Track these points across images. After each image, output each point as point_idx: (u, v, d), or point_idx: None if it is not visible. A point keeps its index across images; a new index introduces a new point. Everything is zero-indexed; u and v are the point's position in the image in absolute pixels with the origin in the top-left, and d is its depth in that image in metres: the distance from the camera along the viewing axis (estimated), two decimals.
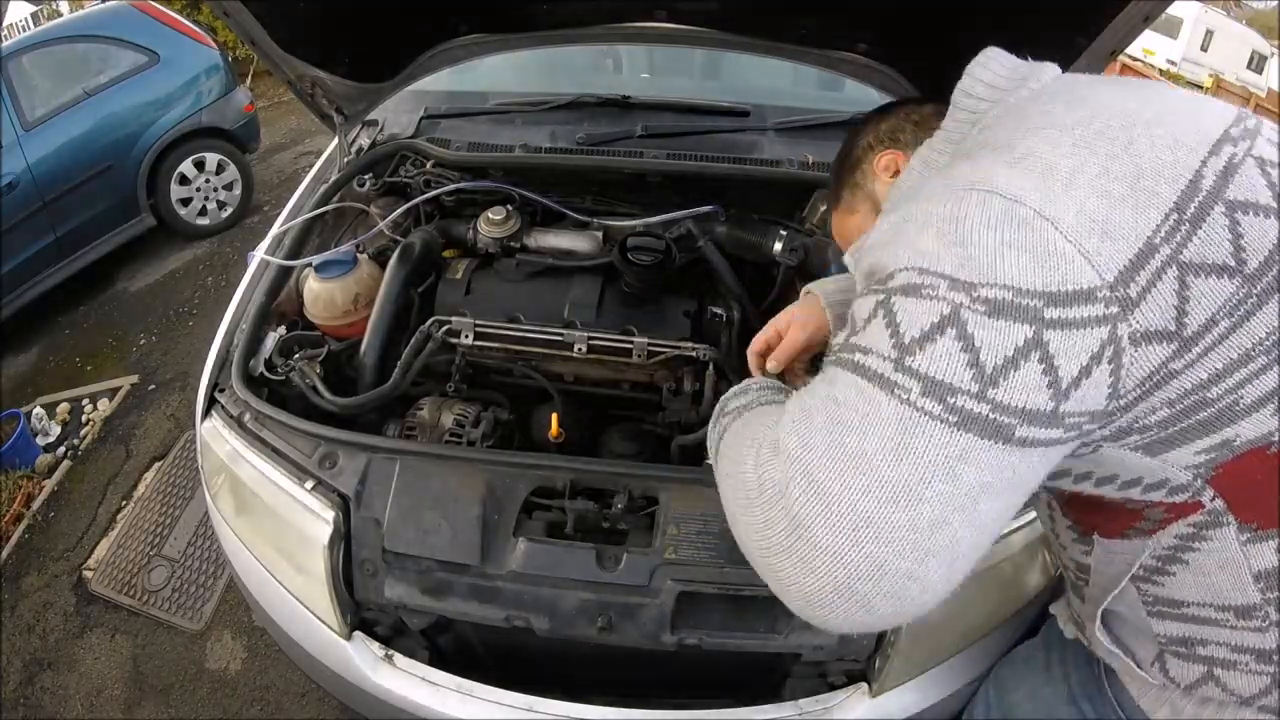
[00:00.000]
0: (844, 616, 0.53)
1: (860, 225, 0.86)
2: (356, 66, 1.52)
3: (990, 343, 0.50)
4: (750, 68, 2.15)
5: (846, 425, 0.52)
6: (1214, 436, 0.58)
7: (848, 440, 0.52)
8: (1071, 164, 0.54)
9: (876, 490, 0.50)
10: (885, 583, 0.50)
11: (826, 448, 0.52)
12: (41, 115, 3.52)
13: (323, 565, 1.10)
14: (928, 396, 0.51)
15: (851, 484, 0.50)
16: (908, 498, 0.50)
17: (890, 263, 0.57)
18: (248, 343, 1.33)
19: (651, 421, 1.45)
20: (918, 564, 0.50)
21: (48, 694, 2.04)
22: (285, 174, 5.01)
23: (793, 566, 0.53)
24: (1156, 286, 0.52)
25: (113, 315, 3.72)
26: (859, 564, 0.50)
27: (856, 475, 0.51)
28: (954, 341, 0.51)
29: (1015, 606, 1.13)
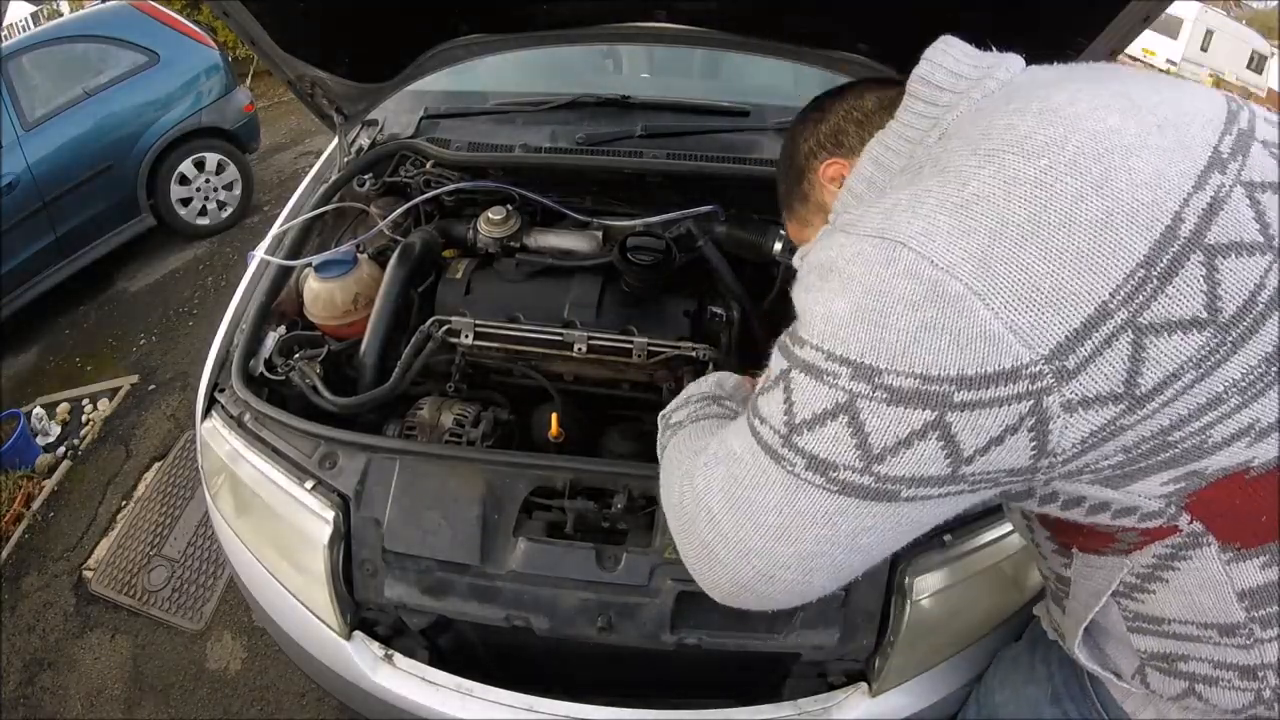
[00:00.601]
0: (750, 604, 0.63)
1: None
2: (356, 66, 1.52)
3: (882, 429, 0.52)
4: (750, 68, 2.15)
5: (739, 480, 0.59)
6: (1180, 469, 0.55)
7: (740, 492, 0.59)
8: (1027, 214, 0.49)
9: (763, 531, 0.58)
10: (777, 586, 0.60)
11: (724, 493, 0.60)
12: (41, 115, 3.52)
13: (323, 565, 1.10)
14: (811, 470, 0.55)
15: (742, 524, 0.58)
16: (790, 538, 0.57)
17: (804, 327, 0.57)
18: (248, 343, 1.33)
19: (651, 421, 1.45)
20: (803, 576, 0.59)
21: (48, 694, 2.04)
22: (285, 174, 5.01)
23: (704, 569, 0.63)
24: (1104, 354, 0.49)
25: (113, 315, 3.72)
26: (752, 575, 0.60)
27: (747, 518, 0.58)
28: (844, 428, 0.53)
29: (1015, 607, 1.13)
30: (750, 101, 1.82)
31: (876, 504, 0.54)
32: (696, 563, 0.63)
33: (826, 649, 1.06)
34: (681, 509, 0.65)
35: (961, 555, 1.07)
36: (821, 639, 1.04)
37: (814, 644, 1.05)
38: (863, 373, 0.51)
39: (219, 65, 4.21)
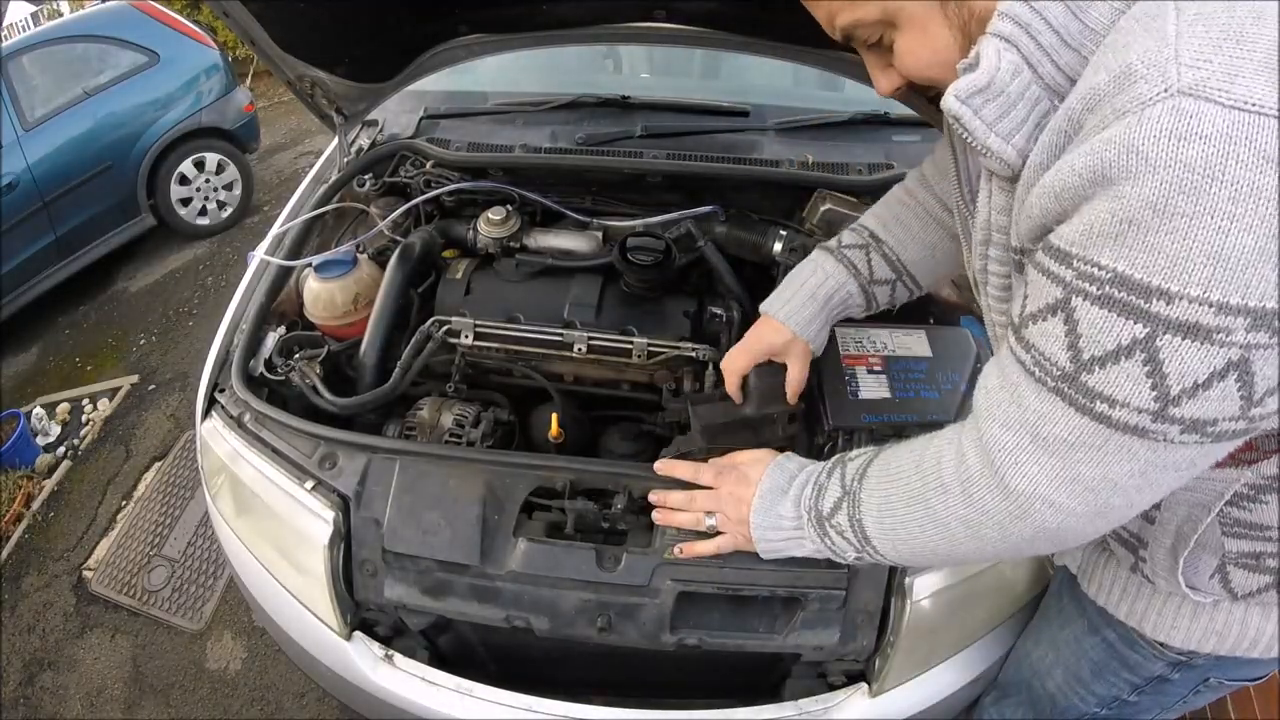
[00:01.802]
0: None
1: (932, 48, 0.61)
2: (356, 66, 1.51)
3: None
4: (750, 68, 2.15)
5: (1091, 460, 0.56)
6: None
7: (1086, 470, 0.57)
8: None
9: (1124, 490, 0.57)
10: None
11: (1070, 479, 0.58)
12: (41, 115, 3.53)
13: (323, 565, 1.10)
14: (1188, 432, 0.51)
15: (1098, 492, 0.58)
16: (1155, 488, 0.58)
17: (1165, 272, 0.45)
18: (248, 343, 1.33)
19: (651, 421, 1.45)
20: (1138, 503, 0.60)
21: (48, 694, 2.04)
22: (285, 174, 5.01)
23: (1047, 544, 0.66)
24: None
25: (113, 315, 3.73)
26: (1107, 524, 0.62)
27: (1108, 489, 0.57)
28: (1233, 385, 0.48)
29: (1014, 607, 1.13)
30: (750, 101, 1.82)
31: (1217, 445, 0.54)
32: (1035, 547, 0.65)
33: (826, 649, 1.06)
34: (995, 516, 0.63)
35: None
36: (821, 639, 1.04)
37: (814, 644, 1.05)
38: (1264, 320, 0.44)
39: (219, 65, 4.21)
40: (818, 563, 1.03)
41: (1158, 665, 0.84)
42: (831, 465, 0.83)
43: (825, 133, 1.73)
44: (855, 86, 1.64)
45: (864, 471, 0.77)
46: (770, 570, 1.02)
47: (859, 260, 1.04)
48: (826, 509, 0.80)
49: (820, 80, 2.03)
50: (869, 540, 0.76)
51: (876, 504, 0.74)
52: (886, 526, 0.74)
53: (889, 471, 0.75)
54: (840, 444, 1.15)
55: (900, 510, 0.72)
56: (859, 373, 1.17)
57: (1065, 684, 0.97)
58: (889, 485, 0.74)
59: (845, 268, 1.04)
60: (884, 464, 0.76)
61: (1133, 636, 0.85)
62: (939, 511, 0.68)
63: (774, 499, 0.87)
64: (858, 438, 1.13)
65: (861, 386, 1.15)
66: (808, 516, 0.82)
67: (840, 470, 0.81)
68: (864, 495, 0.76)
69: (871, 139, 1.73)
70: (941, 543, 0.69)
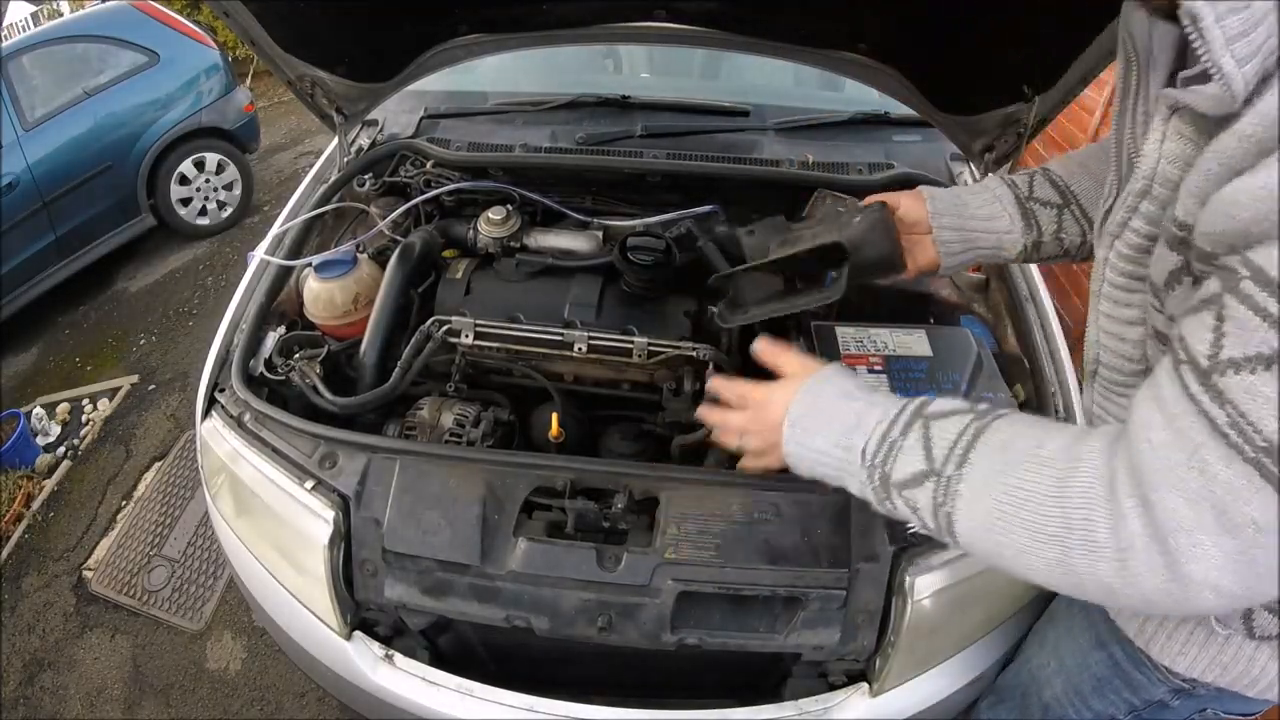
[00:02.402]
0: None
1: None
2: (356, 66, 1.51)
3: None
4: (750, 68, 2.15)
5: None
6: None
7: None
8: None
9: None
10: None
11: (1243, 565, 0.50)
12: (41, 115, 3.53)
13: (323, 565, 1.10)
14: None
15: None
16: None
17: None
18: (248, 343, 1.33)
19: (651, 421, 1.45)
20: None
21: (48, 694, 2.04)
22: (285, 174, 5.02)
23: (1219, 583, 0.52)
24: None
25: (113, 315, 3.73)
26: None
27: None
28: None
29: (1015, 608, 1.13)
30: (750, 101, 1.82)
31: None
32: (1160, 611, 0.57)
33: (827, 649, 1.05)
34: (1147, 591, 0.54)
35: (962, 555, 1.07)
36: (822, 639, 1.04)
37: (814, 644, 1.05)
38: None
39: (219, 65, 4.21)
40: (818, 563, 1.03)
41: (1160, 690, 0.84)
42: (907, 419, 0.70)
43: (825, 133, 1.73)
44: (855, 86, 1.65)
45: (965, 458, 0.64)
46: (770, 570, 1.02)
47: (1019, 179, 0.97)
48: (900, 476, 0.68)
49: (820, 80, 2.03)
50: (955, 537, 0.65)
51: (985, 514, 0.62)
52: (992, 545, 0.62)
53: (1010, 486, 0.60)
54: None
55: (1022, 540, 0.59)
56: (860, 372, 1.17)
57: (1063, 695, 0.97)
58: (1009, 503, 0.60)
59: (1002, 180, 0.98)
60: (1002, 469, 0.62)
61: (1140, 657, 0.84)
62: (1078, 566, 0.57)
63: (809, 432, 0.76)
64: None
65: None
66: (869, 473, 0.71)
67: (923, 433, 0.68)
68: (964, 490, 0.63)
69: (871, 139, 1.74)
70: (1059, 580, 0.59)
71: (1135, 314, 0.68)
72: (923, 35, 1.31)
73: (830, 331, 1.23)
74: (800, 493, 1.08)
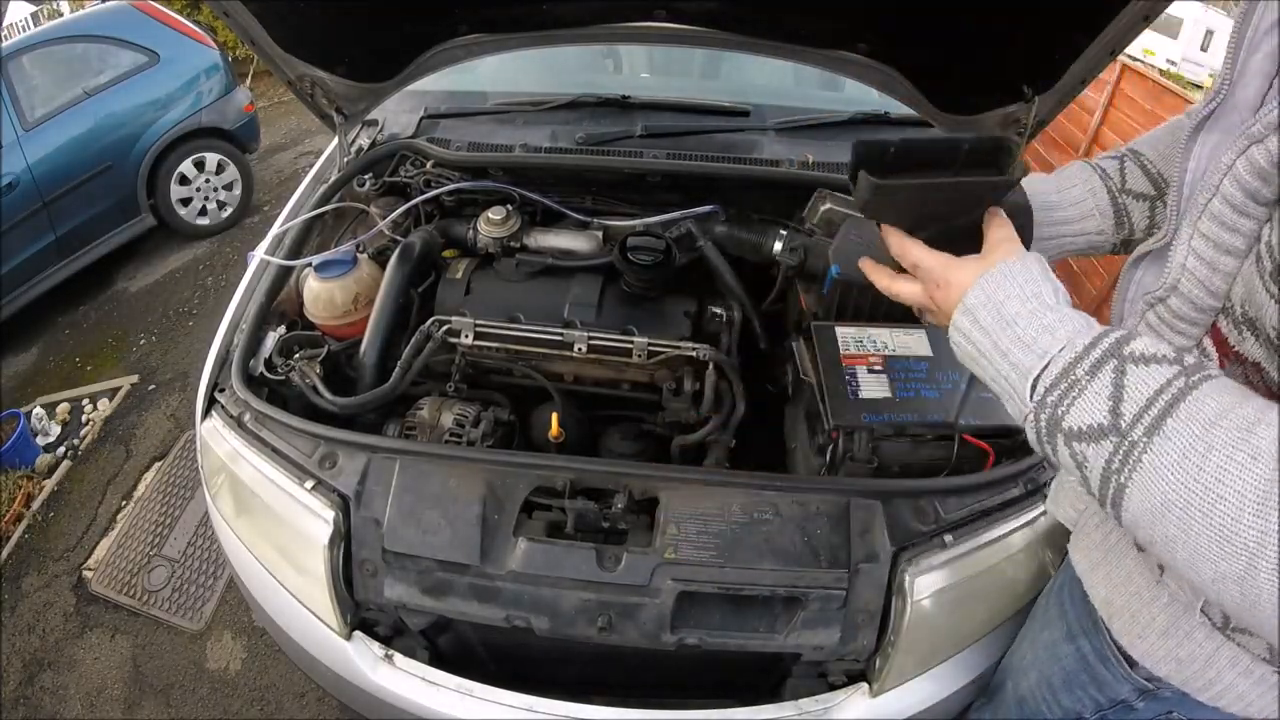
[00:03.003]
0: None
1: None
2: (356, 66, 1.51)
3: None
4: (750, 68, 2.16)
5: None
6: None
7: None
8: None
9: None
10: None
11: None
12: (41, 115, 3.53)
13: (323, 565, 1.10)
14: None
15: None
16: None
17: None
18: (248, 343, 1.33)
19: (651, 421, 1.45)
20: None
21: (48, 694, 2.04)
22: (285, 174, 5.01)
23: None
24: None
25: (113, 315, 3.73)
26: None
27: None
28: None
29: (1015, 607, 1.13)
30: (750, 101, 1.82)
31: None
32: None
33: (827, 649, 1.06)
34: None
35: (961, 555, 1.07)
36: (822, 639, 1.04)
37: (814, 644, 1.05)
38: None
39: (219, 65, 4.21)
40: (818, 563, 1.03)
41: (1124, 688, 0.84)
42: (1100, 354, 0.57)
43: (825, 133, 1.73)
44: (855, 86, 1.64)
45: (1160, 423, 0.52)
46: (770, 570, 1.02)
47: (1111, 167, 0.90)
48: (1075, 424, 0.56)
49: (820, 80, 2.03)
50: (1119, 512, 0.55)
51: (1165, 499, 0.51)
52: (1162, 536, 0.53)
53: (1206, 475, 0.49)
54: (841, 444, 1.15)
55: (1202, 542, 0.50)
56: (859, 372, 1.17)
57: (1036, 687, 0.97)
58: (1200, 495, 0.50)
59: (1093, 170, 0.91)
60: (1204, 452, 0.50)
61: (1106, 652, 0.84)
62: (1262, 590, 0.48)
63: (978, 326, 0.65)
64: (858, 437, 1.13)
65: (862, 386, 1.15)
66: (1037, 410, 0.59)
67: (1115, 378, 0.55)
68: (1149, 464, 0.52)
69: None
70: (1231, 597, 0.50)
71: (1240, 243, 0.59)
72: (923, 35, 1.31)
73: (830, 331, 1.23)
74: (800, 493, 1.08)
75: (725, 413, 1.35)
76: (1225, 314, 0.63)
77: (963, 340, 0.67)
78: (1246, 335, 0.60)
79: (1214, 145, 0.66)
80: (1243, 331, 0.61)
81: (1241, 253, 0.60)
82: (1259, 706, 0.71)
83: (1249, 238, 0.59)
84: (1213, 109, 0.66)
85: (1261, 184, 0.57)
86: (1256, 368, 0.60)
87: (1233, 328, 0.62)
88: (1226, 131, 0.65)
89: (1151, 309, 0.70)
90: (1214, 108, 0.66)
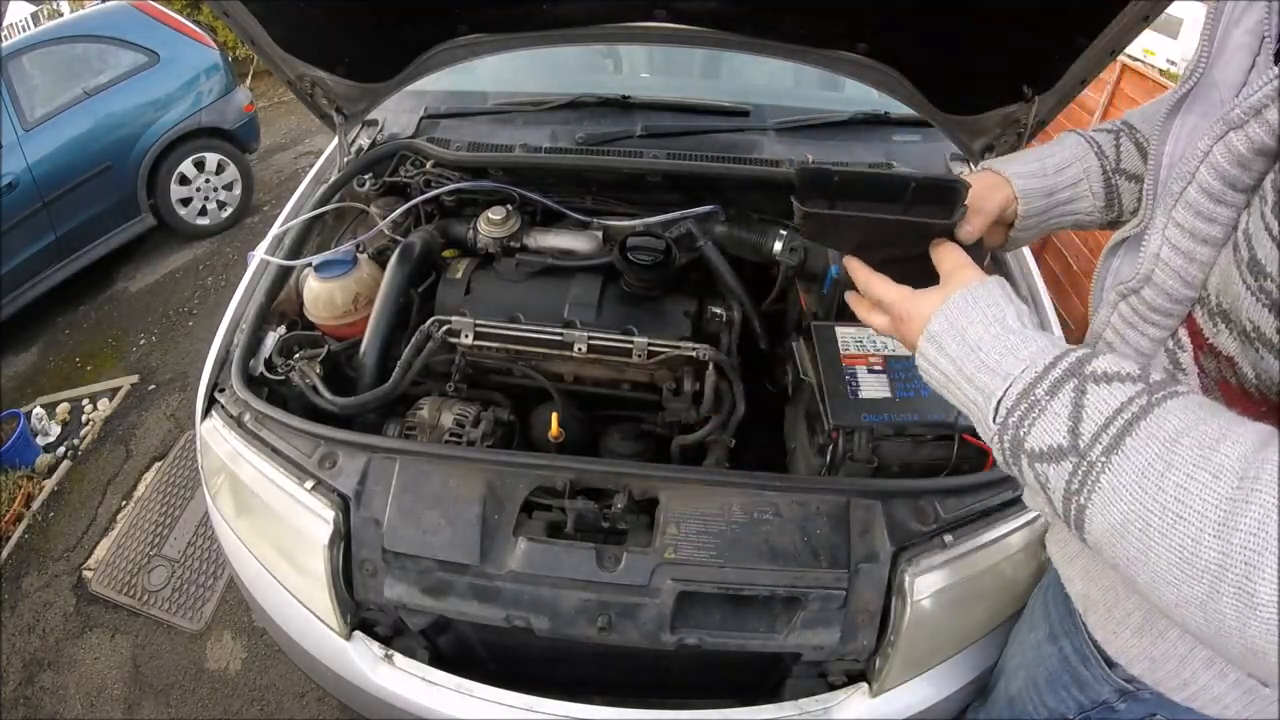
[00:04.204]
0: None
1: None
2: (356, 66, 1.52)
3: None
4: (750, 68, 2.16)
5: None
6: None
7: None
8: None
9: None
10: None
11: None
12: (41, 115, 3.53)
13: (323, 565, 1.10)
14: None
15: None
16: None
17: None
18: (248, 343, 1.33)
19: (651, 421, 1.45)
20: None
21: (48, 694, 2.04)
22: (285, 174, 5.01)
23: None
24: None
25: (113, 315, 3.73)
26: None
27: None
28: None
29: (1014, 608, 1.13)
30: (750, 101, 1.82)
31: None
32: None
33: (827, 649, 1.06)
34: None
35: (961, 555, 1.07)
36: (822, 639, 1.04)
37: (814, 644, 1.05)
38: None
39: (219, 65, 4.21)
40: (817, 563, 1.03)
41: (1105, 689, 0.83)
42: (1059, 374, 0.55)
43: (825, 133, 1.73)
44: (855, 86, 1.64)
45: (1119, 442, 0.50)
46: (770, 570, 1.02)
47: (1105, 142, 0.87)
48: (1035, 446, 0.55)
49: (820, 80, 2.03)
50: (1082, 533, 0.54)
51: (1124, 520, 0.50)
52: (1124, 557, 0.51)
53: (1165, 495, 0.47)
54: (841, 444, 1.15)
55: (1162, 565, 0.48)
56: (859, 372, 1.17)
57: (1024, 688, 0.97)
58: (1159, 515, 0.48)
59: (1087, 143, 0.87)
60: (1162, 471, 0.48)
61: (1086, 652, 0.84)
62: (1224, 615, 0.45)
63: (942, 352, 0.64)
64: (858, 437, 1.13)
65: (862, 386, 1.15)
66: (999, 432, 0.59)
67: (1074, 397, 0.54)
68: (1107, 485, 0.51)
69: (871, 139, 1.74)
70: (1195, 622, 0.48)
71: (1217, 232, 0.58)
72: (923, 35, 1.31)
73: (830, 331, 1.23)
74: (800, 493, 1.08)
75: (725, 413, 1.35)
76: (1201, 304, 0.62)
77: (929, 368, 0.67)
78: (1221, 327, 0.58)
79: (1191, 127, 0.64)
80: (1218, 323, 0.59)
81: (1219, 241, 0.58)
82: (1235, 709, 0.70)
83: (1227, 226, 0.57)
84: (1189, 88, 0.63)
85: (1241, 171, 0.54)
86: (1230, 362, 0.58)
87: (1208, 319, 0.60)
88: (1205, 113, 0.63)
89: (1124, 300, 0.69)
90: (1191, 86, 0.63)
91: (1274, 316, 0.51)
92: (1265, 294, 0.51)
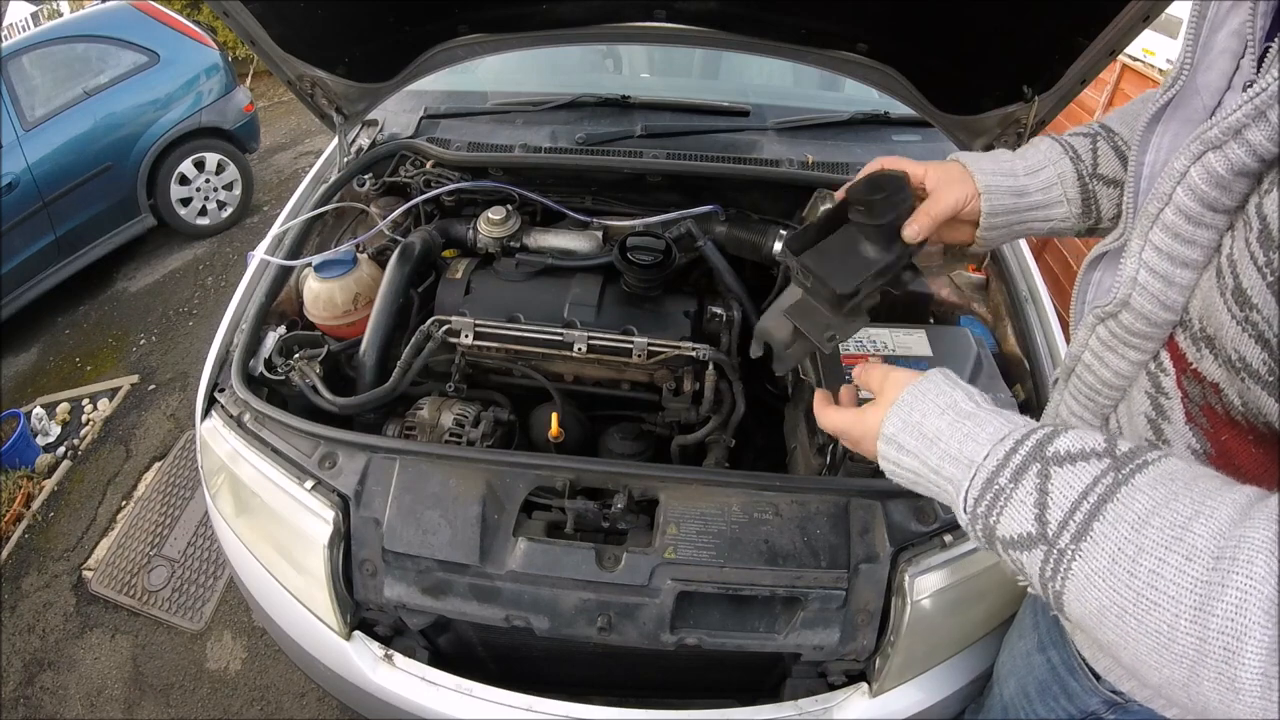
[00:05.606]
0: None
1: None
2: (356, 66, 1.52)
3: None
4: (750, 67, 2.16)
5: None
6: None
7: None
8: None
9: None
10: None
11: None
12: (41, 115, 3.53)
13: (323, 565, 1.10)
14: None
15: None
16: None
17: None
18: (248, 343, 1.33)
19: (651, 421, 1.45)
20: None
21: (48, 694, 2.04)
22: (285, 174, 5.01)
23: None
24: None
25: (113, 315, 3.73)
26: None
27: None
28: None
29: (1013, 608, 1.13)
30: (750, 101, 1.82)
31: None
32: None
33: (827, 649, 1.05)
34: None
35: (961, 555, 1.07)
36: (822, 639, 1.04)
37: (814, 644, 1.05)
38: None
39: (219, 65, 4.21)
40: (817, 563, 1.03)
41: (1094, 700, 0.83)
42: (1021, 460, 0.54)
43: (825, 133, 1.73)
44: (855, 86, 1.65)
45: (1087, 528, 0.49)
46: (770, 570, 1.02)
47: (1081, 146, 0.83)
48: (1006, 534, 0.55)
49: (820, 80, 2.04)
50: (1064, 615, 0.54)
51: (1100, 606, 0.48)
52: (1106, 639, 0.49)
53: (1137, 581, 0.46)
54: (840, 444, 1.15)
55: (1142, 649, 0.46)
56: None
57: (1016, 695, 0.97)
58: (1134, 601, 0.46)
59: (1062, 147, 0.83)
60: (1133, 555, 0.47)
61: (1074, 663, 0.83)
62: (1207, 698, 0.44)
63: (903, 450, 0.64)
64: None
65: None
66: (970, 522, 0.58)
67: (1039, 483, 0.53)
68: (1079, 571, 0.50)
69: (871, 139, 1.74)
70: (1180, 700, 0.46)
71: (1197, 255, 0.56)
72: (923, 35, 1.31)
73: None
74: (800, 493, 1.08)
75: (725, 413, 1.35)
76: (1183, 327, 0.59)
77: (895, 468, 0.65)
78: (1205, 353, 0.56)
79: (1173, 136, 0.61)
80: (1201, 349, 0.57)
81: (1199, 264, 0.57)
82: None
83: (1207, 249, 0.56)
84: (1171, 96, 0.61)
85: (1221, 193, 0.52)
86: (1215, 389, 0.56)
87: (1191, 344, 0.58)
88: (1187, 120, 0.60)
89: (1102, 323, 0.67)
90: (1173, 94, 0.60)
91: (1261, 349, 0.49)
92: (1251, 325, 0.49)
